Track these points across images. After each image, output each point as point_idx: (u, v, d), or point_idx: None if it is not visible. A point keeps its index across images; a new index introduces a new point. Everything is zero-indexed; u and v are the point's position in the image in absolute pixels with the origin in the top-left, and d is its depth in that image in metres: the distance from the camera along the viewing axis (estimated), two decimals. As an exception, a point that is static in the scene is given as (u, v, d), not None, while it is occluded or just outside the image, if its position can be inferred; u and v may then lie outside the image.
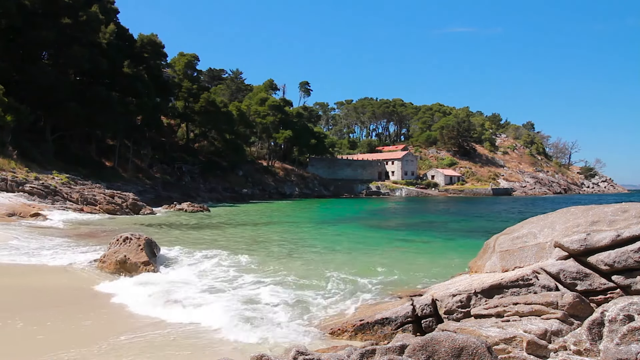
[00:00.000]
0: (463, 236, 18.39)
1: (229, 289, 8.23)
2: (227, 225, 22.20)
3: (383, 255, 12.65)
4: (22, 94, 31.80)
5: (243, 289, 8.29)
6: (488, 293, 5.50)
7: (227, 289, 8.22)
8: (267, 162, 71.04)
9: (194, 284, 8.56)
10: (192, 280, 8.82)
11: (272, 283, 8.78)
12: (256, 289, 8.30)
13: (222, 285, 8.46)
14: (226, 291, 8.02)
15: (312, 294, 7.94)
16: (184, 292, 7.76)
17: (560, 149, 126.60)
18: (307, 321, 6.47)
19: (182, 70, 58.20)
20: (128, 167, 43.34)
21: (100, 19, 38.70)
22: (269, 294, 7.88)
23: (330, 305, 7.29)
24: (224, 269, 10.00)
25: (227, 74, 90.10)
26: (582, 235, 5.35)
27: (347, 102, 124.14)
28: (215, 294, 7.81)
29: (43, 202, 22.66)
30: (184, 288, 8.10)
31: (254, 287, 8.40)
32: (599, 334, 4.04)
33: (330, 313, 6.82)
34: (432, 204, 52.94)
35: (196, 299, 7.37)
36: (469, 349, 3.46)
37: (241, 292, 8.03)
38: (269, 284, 8.66)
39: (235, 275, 9.43)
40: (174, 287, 8.12)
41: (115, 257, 9.57)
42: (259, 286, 8.51)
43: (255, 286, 8.51)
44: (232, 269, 10.06)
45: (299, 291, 8.14)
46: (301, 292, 8.06)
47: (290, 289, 8.32)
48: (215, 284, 8.61)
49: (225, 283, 8.69)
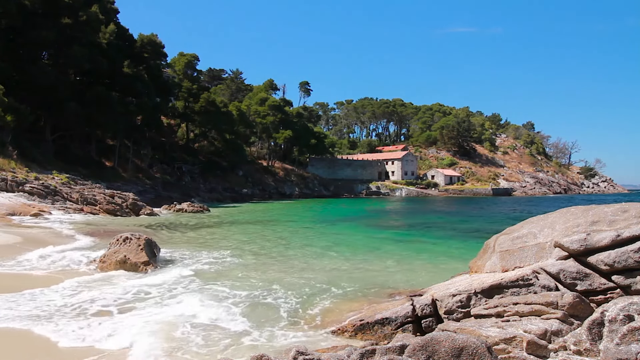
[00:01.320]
0: (463, 236, 18.38)
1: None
2: (227, 225, 22.19)
3: (383, 255, 12.65)
4: (22, 94, 31.78)
5: (244, 289, 8.30)
6: (488, 293, 5.50)
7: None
8: (267, 162, 71.03)
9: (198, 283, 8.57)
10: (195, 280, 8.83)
11: (272, 283, 8.79)
12: (257, 289, 8.30)
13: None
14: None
15: (312, 294, 7.94)
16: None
17: (560, 149, 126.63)
18: (307, 321, 6.47)
19: (182, 70, 58.19)
20: (128, 167, 43.32)
21: (100, 19, 38.70)
22: (270, 293, 7.88)
23: (330, 305, 7.29)
24: (227, 269, 10.00)
25: (227, 74, 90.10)
26: (582, 235, 5.35)
27: (347, 102, 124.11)
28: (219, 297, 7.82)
29: (43, 202, 22.65)
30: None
31: (257, 289, 8.40)
32: (599, 334, 4.04)
33: (330, 313, 6.82)
34: (432, 204, 52.94)
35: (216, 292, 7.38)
36: (469, 349, 3.46)
37: (244, 293, 8.04)
38: (269, 284, 8.67)
39: (237, 281, 9.42)
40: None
41: (116, 257, 9.57)
42: (260, 287, 8.51)
43: (257, 287, 8.51)
44: (237, 268, 10.05)
45: (299, 291, 8.14)
46: (301, 292, 8.06)
47: (290, 288, 8.32)
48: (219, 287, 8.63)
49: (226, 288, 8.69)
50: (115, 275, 9.03)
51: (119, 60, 41.41)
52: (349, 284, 8.74)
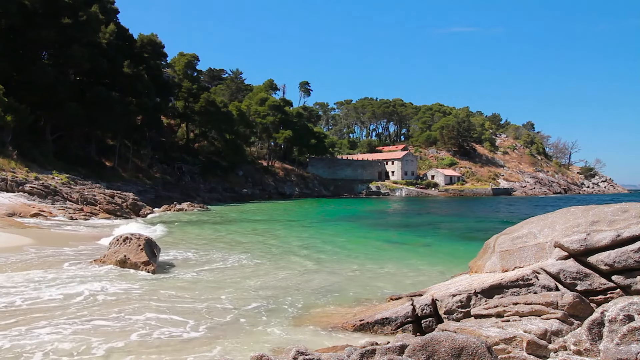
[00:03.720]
0: (463, 236, 18.39)
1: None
2: (227, 225, 22.19)
3: (383, 256, 12.65)
4: (22, 94, 31.75)
5: (246, 290, 8.30)
6: (488, 293, 5.50)
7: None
8: (267, 162, 71.02)
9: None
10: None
11: (271, 283, 8.80)
12: (256, 289, 8.31)
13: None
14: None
15: (312, 294, 7.94)
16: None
17: (560, 149, 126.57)
18: (308, 321, 6.47)
19: (182, 70, 58.17)
20: (128, 167, 43.32)
21: (100, 19, 38.69)
22: (270, 293, 7.88)
23: (330, 305, 7.29)
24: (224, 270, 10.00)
25: (227, 74, 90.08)
26: (582, 235, 5.35)
27: (347, 102, 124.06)
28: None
29: (43, 202, 22.64)
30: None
31: (256, 289, 8.40)
32: (599, 334, 4.04)
33: (329, 313, 6.82)
34: (432, 204, 52.94)
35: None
36: (469, 349, 3.45)
37: (245, 294, 8.04)
38: (268, 285, 8.67)
39: (238, 280, 9.43)
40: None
41: (116, 257, 9.58)
42: (259, 287, 8.52)
43: (257, 287, 8.52)
44: (234, 270, 10.05)
45: (299, 292, 8.15)
46: (301, 293, 8.06)
47: (290, 289, 8.33)
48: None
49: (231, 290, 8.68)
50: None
51: (119, 60, 41.38)
52: (349, 284, 8.75)
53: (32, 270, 8.95)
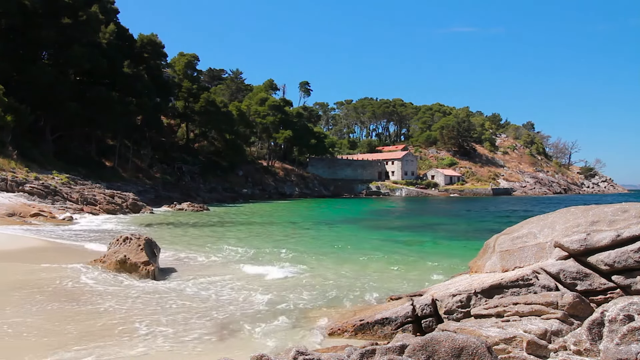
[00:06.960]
0: (463, 236, 18.39)
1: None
2: (227, 225, 22.19)
3: (382, 256, 12.64)
4: (22, 94, 31.76)
5: (246, 290, 8.30)
6: (488, 293, 5.50)
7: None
8: (267, 162, 71.01)
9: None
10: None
11: (271, 283, 8.80)
12: (256, 289, 8.31)
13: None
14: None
15: (312, 294, 7.94)
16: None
17: (560, 149, 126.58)
18: (308, 321, 6.47)
19: (182, 70, 58.14)
20: (128, 167, 43.32)
21: (100, 19, 38.70)
22: (269, 294, 7.89)
23: (330, 305, 7.29)
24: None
25: (227, 74, 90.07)
26: (582, 235, 5.35)
27: (347, 102, 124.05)
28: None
29: (43, 202, 22.65)
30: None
31: (256, 291, 8.41)
32: (599, 334, 4.04)
33: (330, 313, 6.82)
34: (432, 204, 52.94)
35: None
36: (469, 349, 3.45)
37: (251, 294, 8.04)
38: (267, 285, 8.67)
39: (243, 283, 9.41)
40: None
41: (116, 257, 9.57)
42: (259, 287, 8.52)
43: (256, 288, 8.52)
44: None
45: (299, 292, 8.15)
46: (301, 292, 8.07)
47: (290, 289, 8.33)
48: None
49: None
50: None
51: (119, 60, 41.41)
52: (349, 285, 8.75)
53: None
